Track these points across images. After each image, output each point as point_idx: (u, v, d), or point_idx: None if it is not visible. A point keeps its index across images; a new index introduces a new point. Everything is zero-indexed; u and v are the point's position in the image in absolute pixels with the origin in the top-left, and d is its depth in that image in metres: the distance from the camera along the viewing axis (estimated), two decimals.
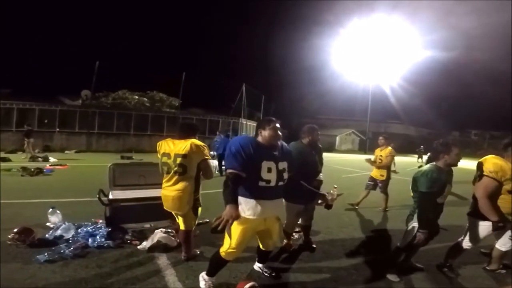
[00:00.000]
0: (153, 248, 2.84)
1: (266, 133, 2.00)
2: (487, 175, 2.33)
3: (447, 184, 2.36)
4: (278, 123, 2.04)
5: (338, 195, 2.58)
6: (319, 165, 2.97)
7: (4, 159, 8.98)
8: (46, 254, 2.53)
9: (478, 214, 2.42)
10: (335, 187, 2.64)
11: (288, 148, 2.22)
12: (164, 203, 2.61)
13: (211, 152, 4.36)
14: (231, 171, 1.90)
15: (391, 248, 3.04)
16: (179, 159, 2.45)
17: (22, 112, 14.21)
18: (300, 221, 3.12)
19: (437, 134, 36.81)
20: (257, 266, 2.56)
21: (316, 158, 2.93)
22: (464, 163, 4.97)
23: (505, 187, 2.36)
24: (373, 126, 33.90)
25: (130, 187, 3.53)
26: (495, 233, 2.48)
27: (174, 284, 2.28)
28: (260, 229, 2.10)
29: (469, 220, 2.58)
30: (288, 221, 2.95)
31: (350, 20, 38.26)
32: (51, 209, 3.43)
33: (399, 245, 2.60)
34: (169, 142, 2.58)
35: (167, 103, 22.69)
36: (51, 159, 9.86)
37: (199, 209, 2.69)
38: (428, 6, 38.25)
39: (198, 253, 2.81)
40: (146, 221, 3.43)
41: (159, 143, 2.65)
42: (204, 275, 2.21)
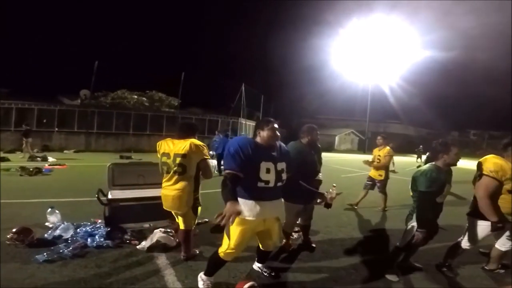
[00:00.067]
0: (152, 248, 2.84)
1: (265, 133, 2.00)
2: (488, 174, 2.33)
3: (447, 183, 2.36)
4: (277, 124, 2.04)
5: (337, 194, 2.58)
6: (318, 165, 2.98)
7: (3, 159, 8.94)
8: (45, 254, 2.53)
9: (477, 214, 2.42)
10: (334, 186, 2.63)
11: (286, 148, 2.21)
12: (164, 202, 2.61)
13: (210, 152, 4.37)
14: (228, 171, 1.89)
15: (390, 247, 3.04)
16: (178, 159, 2.46)
17: (21, 112, 14.14)
18: (299, 220, 3.11)
19: (436, 134, 36.97)
20: (257, 265, 2.56)
21: (315, 158, 2.93)
22: (463, 163, 4.99)
23: (505, 186, 2.36)
24: (373, 126, 33.93)
25: (129, 187, 3.53)
26: (495, 233, 2.48)
27: (174, 284, 2.27)
28: (259, 230, 2.10)
29: (468, 220, 2.58)
30: (287, 221, 2.94)
31: (349, 20, 38.36)
32: (50, 209, 3.42)
33: (398, 244, 2.60)
34: (169, 142, 2.59)
35: (166, 102, 22.65)
36: (50, 159, 9.84)
37: (199, 208, 2.70)
38: (427, 6, 38.43)
39: (198, 252, 2.81)
40: (145, 221, 3.43)
41: (158, 143, 2.65)
42: (202, 275, 2.21)
